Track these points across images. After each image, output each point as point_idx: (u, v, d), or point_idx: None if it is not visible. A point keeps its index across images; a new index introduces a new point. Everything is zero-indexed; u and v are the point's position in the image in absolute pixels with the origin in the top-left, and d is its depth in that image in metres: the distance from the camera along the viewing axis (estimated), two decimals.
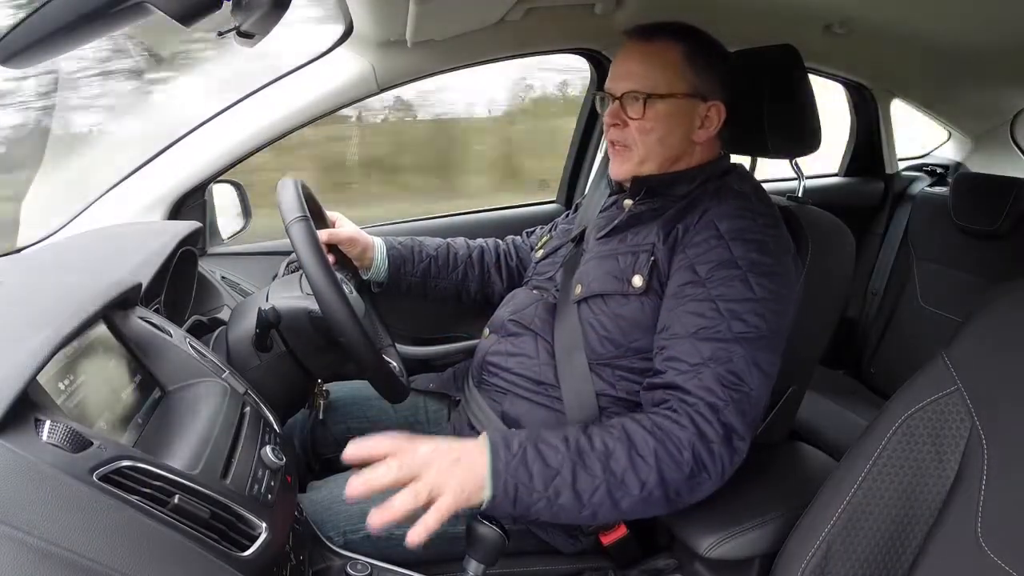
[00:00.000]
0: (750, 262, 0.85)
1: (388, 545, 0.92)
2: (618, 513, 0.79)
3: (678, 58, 0.94)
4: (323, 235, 1.07)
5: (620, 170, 1.00)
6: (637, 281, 0.91)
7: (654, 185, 0.98)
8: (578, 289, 0.97)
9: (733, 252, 0.86)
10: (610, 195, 1.09)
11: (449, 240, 1.25)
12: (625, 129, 0.96)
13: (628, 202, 1.02)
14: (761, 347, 0.84)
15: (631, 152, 0.97)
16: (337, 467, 1.08)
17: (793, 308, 0.90)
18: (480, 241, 1.28)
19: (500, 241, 1.30)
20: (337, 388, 1.19)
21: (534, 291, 1.07)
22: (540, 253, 1.14)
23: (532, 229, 1.31)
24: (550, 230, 1.24)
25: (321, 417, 1.13)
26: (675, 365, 0.84)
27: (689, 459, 0.79)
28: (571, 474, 0.76)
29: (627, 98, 0.95)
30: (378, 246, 1.16)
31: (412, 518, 0.94)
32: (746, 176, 1.01)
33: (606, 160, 1.09)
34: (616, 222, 1.00)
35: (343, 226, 1.13)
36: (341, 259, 1.13)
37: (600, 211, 1.08)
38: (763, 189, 0.99)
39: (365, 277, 1.17)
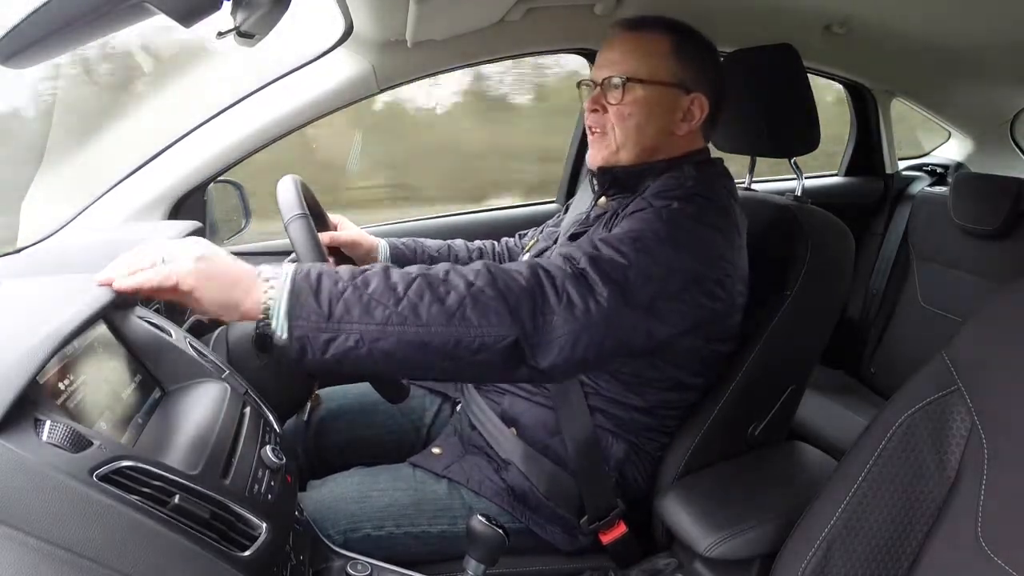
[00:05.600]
0: (668, 208, 0.83)
1: (388, 544, 0.93)
2: (447, 314, 0.67)
3: (662, 47, 0.92)
4: (324, 238, 1.06)
5: (595, 157, 0.97)
6: None
7: (620, 177, 0.95)
8: None
9: (652, 204, 0.85)
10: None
11: (450, 242, 1.25)
12: (604, 115, 0.94)
13: (603, 200, 1.00)
14: (658, 244, 0.78)
15: (607, 138, 0.95)
16: (339, 470, 1.08)
17: (710, 262, 0.83)
18: (478, 243, 1.28)
19: (496, 243, 1.30)
20: (341, 394, 1.19)
21: None
22: (527, 257, 1.14)
23: (524, 232, 1.31)
24: (538, 233, 1.24)
25: (318, 418, 1.13)
26: None
27: (528, 278, 0.72)
28: (383, 270, 0.69)
29: (607, 83, 0.93)
30: (381, 248, 1.15)
31: (406, 519, 0.94)
32: (708, 163, 0.97)
33: None
34: (581, 222, 0.99)
35: (346, 228, 1.13)
36: (342, 261, 1.13)
37: (576, 214, 1.07)
38: (721, 174, 0.96)
39: None
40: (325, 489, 0.98)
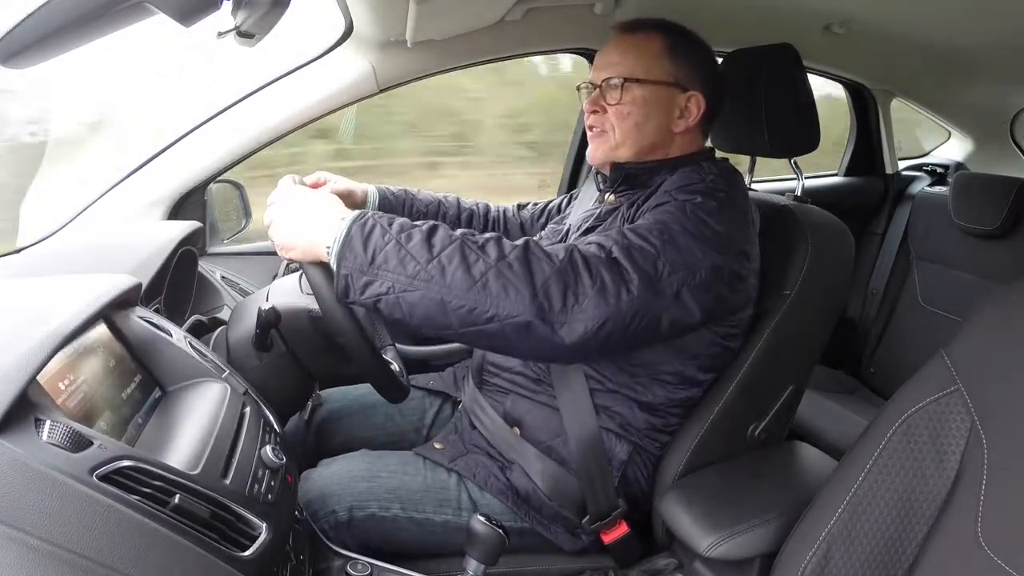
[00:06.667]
0: (692, 203, 0.85)
1: (391, 527, 0.94)
2: (470, 282, 0.71)
3: (657, 47, 0.94)
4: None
5: (596, 154, 0.99)
6: None
7: (633, 172, 0.97)
8: None
9: (674, 197, 0.86)
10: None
11: (442, 197, 1.24)
12: (604, 115, 0.96)
13: (610, 197, 1.01)
14: (684, 236, 0.80)
15: (607, 137, 0.97)
16: None
17: (732, 255, 0.85)
18: (471, 204, 1.27)
19: (492, 207, 1.29)
20: (342, 395, 1.19)
21: None
22: None
23: (524, 203, 1.31)
24: (541, 216, 1.25)
25: (312, 420, 1.13)
26: None
27: (564, 259, 0.74)
28: (429, 229, 0.74)
29: (606, 85, 0.95)
30: (371, 195, 1.15)
31: (413, 504, 0.95)
32: (722, 163, 0.99)
33: None
34: (594, 218, 1.00)
35: (336, 182, 1.11)
36: None
37: (585, 210, 1.08)
38: (735, 174, 0.97)
39: None
40: (336, 465, 0.99)
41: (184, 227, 1.10)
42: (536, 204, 1.30)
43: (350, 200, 1.12)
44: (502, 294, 0.71)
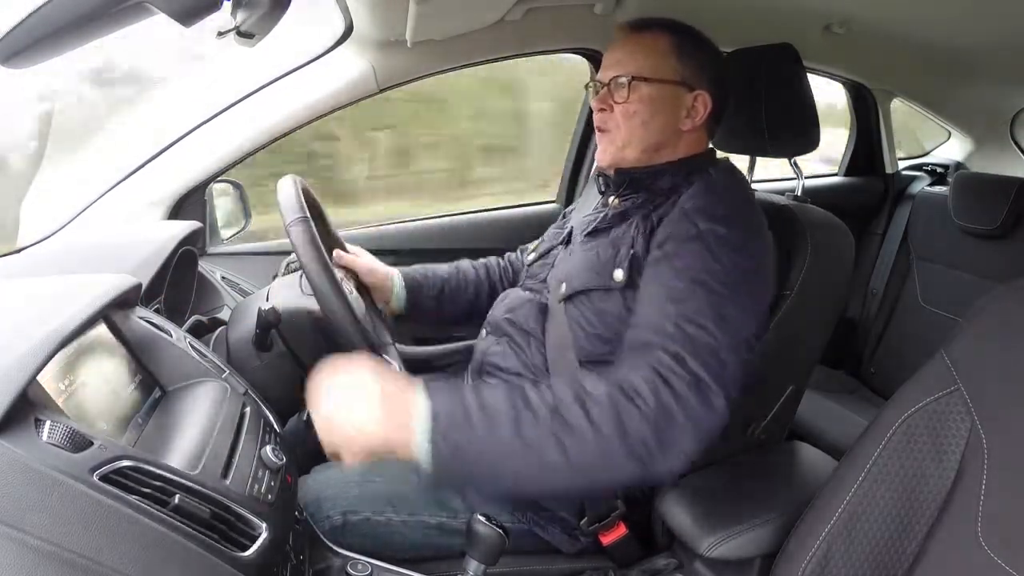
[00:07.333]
0: (715, 236, 0.83)
1: (386, 530, 0.94)
2: (566, 465, 0.70)
3: (664, 46, 0.94)
4: (344, 261, 1.09)
5: (603, 155, 0.99)
6: (618, 275, 0.90)
7: (638, 177, 0.97)
8: (562, 288, 0.96)
9: (698, 226, 0.85)
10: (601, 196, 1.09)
11: (454, 269, 1.26)
12: (611, 113, 0.96)
13: (614, 200, 1.01)
14: (728, 304, 0.79)
15: (614, 136, 0.97)
16: None
17: (765, 291, 0.87)
18: (479, 264, 1.29)
19: (500, 259, 1.30)
20: None
21: (526, 292, 1.07)
22: (532, 256, 1.15)
23: (525, 246, 1.32)
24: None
25: (311, 421, 1.13)
26: (638, 325, 0.81)
27: (652, 402, 0.72)
28: (514, 413, 0.70)
29: (614, 83, 0.95)
30: (396, 279, 1.16)
31: (406, 507, 0.95)
32: (729, 168, 0.99)
33: None
34: (599, 220, 1.00)
35: (362, 256, 1.13)
36: (360, 286, 1.13)
37: (588, 213, 1.08)
38: (743, 179, 0.97)
39: (382, 307, 1.17)
40: (329, 472, 0.99)
41: (184, 227, 1.10)
42: (535, 242, 1.29)
43: (372, 277, 1.13)
44: (600, 464, 0.71)
